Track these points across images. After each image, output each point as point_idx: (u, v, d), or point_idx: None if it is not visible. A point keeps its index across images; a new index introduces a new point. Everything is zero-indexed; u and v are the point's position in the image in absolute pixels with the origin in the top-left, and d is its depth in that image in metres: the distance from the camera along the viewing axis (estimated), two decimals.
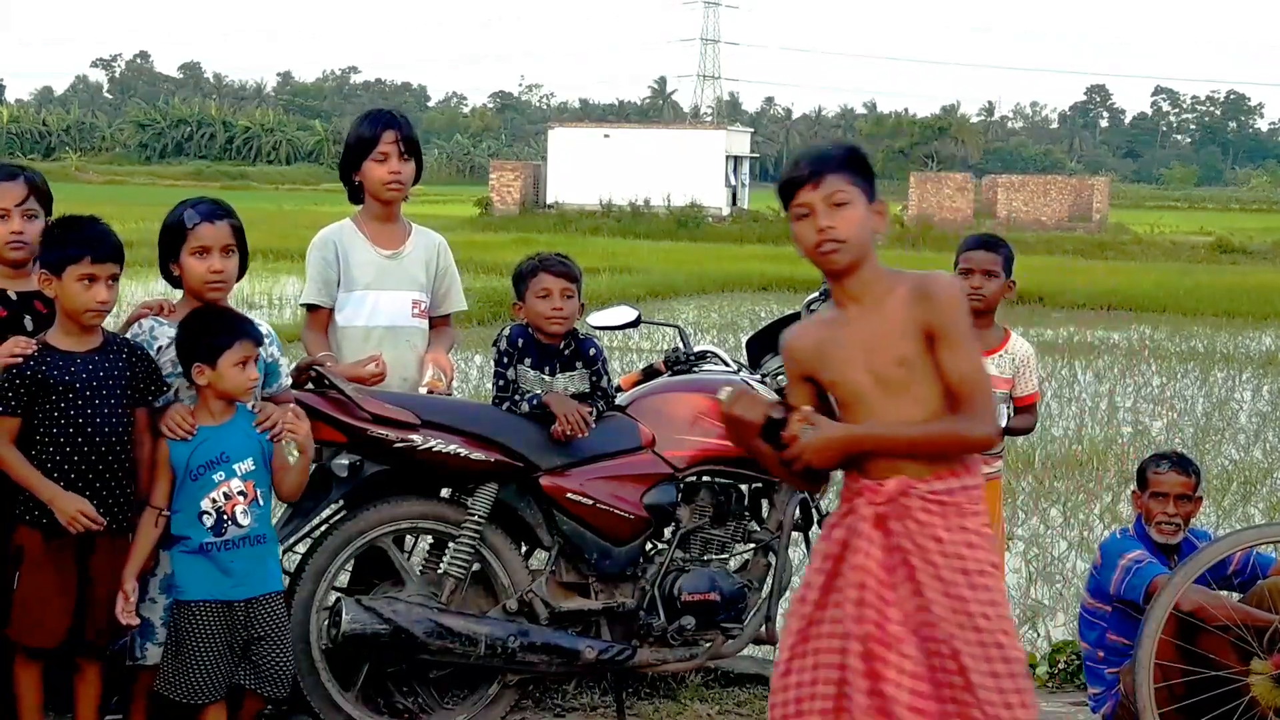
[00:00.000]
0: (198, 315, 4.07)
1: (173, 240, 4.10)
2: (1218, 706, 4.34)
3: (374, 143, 4.63)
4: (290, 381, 4.35)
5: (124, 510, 3.98)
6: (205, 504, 4.00)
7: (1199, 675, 4.36)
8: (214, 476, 4.01)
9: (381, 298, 4.70)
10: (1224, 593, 4.71)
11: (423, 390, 4.62)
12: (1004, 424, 5.22)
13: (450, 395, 4.76)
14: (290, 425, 4.09)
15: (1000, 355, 5.29)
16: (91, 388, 3.91)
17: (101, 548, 3.94)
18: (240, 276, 4.19)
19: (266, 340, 4.18)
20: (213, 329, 4.01)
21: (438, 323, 4.86)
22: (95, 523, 3.88)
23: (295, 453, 4.15)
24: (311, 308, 4.73)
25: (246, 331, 4.03)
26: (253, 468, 4.05)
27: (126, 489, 3.98)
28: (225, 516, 4.01)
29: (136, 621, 4.00)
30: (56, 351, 3.93)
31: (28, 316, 4.15)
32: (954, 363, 3.17)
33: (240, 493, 4.02)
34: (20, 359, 3.88)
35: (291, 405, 4.22)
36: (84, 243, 3.91)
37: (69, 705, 4.13)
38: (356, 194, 4.76)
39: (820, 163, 3.21)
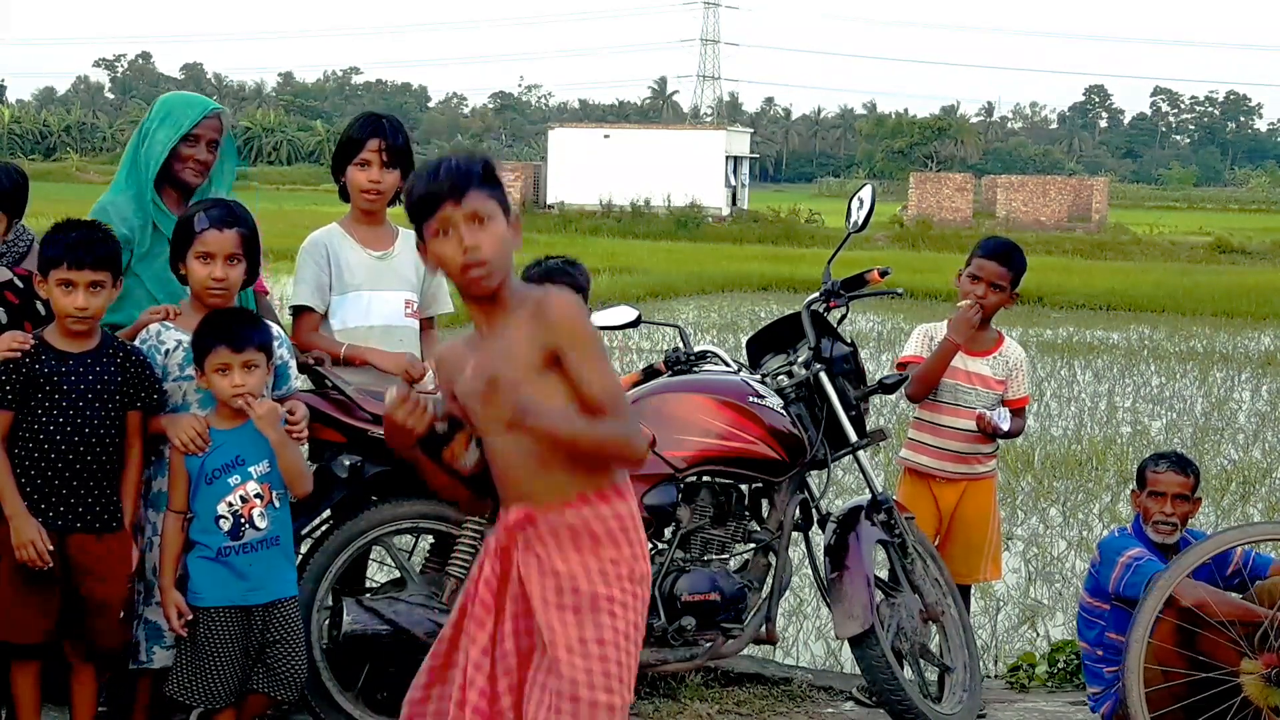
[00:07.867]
0: (206, 319, 4.03)
1: (182, 240, 4.09)
2: (1215, 705, 4.35)
3: (359, 148, 4.63)
4: (299, 384, 4.32)
5: (106, 511, 3.95)
6: (222, 508, 3.97)
7: (1192, 676, 4.37)
8: (230, 480, 3.98)
9: (375, 298, 4.69)
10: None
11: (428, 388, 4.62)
12: (1006, 427, 5.25)
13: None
14: (294, 421, 4.07)
15: (994, 357, 5.34)
16: (79, 390, 3.90)
17: (78, 547, 3.92)
18: (250, 283, 4.19)
19: (275, 343, 4.15)
20: (203, 334, 3.99)
21: (423, 325, 4.85)
22: (41, 559, 3.84)
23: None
24: (304, 310, 4.72)
25: (228, 337, 3.95)
26: (268, 470, 4.01)
27: (109, 491, 3.96)
28: (243, 520, 3.98)
29: (184, 633, 3.98)
30: (51, 350, 3.93)
31: (39, 302, 4.17)
32: (586, 377, 3.00)
33: (257, 495, 4.00)
34: (17, 354, 3.88)
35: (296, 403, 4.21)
36: (64, 247, 3.90)
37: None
38: (345, 193, 4.77)
39: (461, 177, 3.02)
